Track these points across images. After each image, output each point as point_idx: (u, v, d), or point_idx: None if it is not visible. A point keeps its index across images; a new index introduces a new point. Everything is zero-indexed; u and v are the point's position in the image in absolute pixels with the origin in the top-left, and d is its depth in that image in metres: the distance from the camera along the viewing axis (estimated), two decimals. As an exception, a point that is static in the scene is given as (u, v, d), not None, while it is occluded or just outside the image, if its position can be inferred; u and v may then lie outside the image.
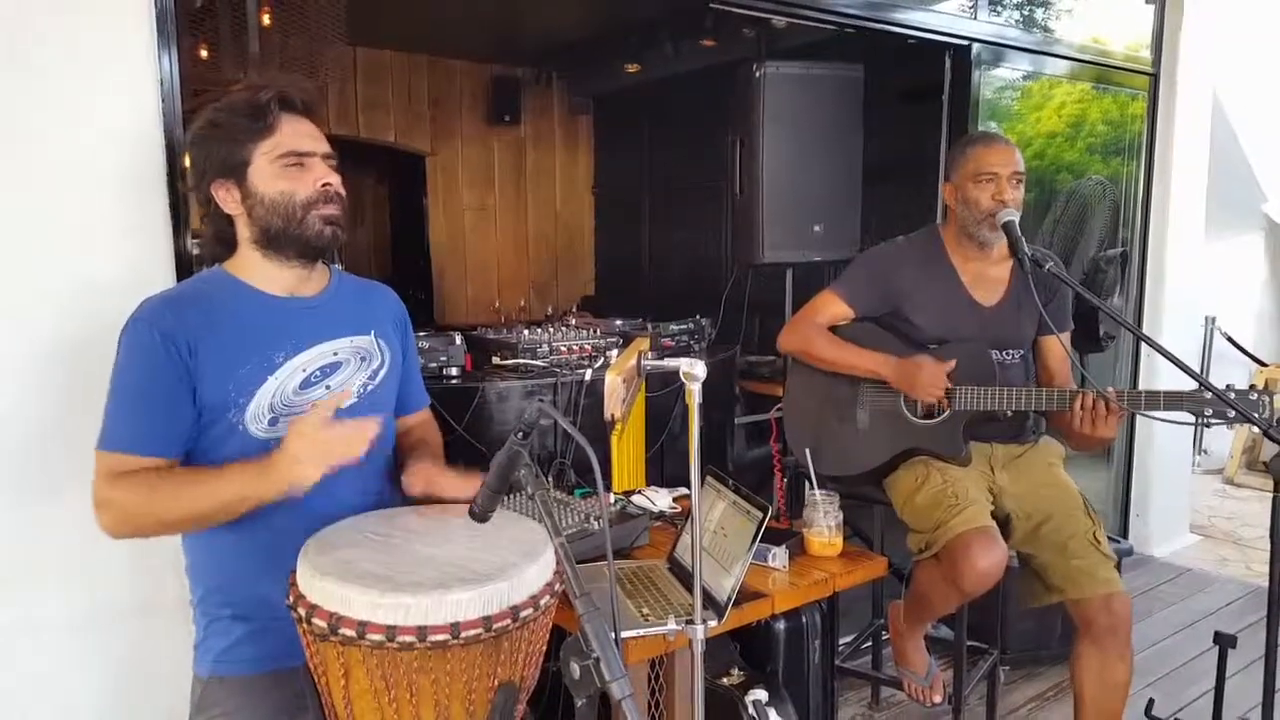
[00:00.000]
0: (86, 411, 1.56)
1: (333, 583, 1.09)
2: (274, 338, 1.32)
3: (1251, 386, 1.77)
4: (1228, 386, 1.78)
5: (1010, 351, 2.14)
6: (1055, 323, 2.09)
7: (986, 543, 1.90)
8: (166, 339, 1.25)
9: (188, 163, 1.45)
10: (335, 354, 1.37)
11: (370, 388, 1.41)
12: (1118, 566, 2.06)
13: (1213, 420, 1.82)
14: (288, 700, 1.32)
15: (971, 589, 1.94)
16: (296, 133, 1.31)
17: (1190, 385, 1.81)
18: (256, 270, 1.35)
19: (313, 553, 1.16)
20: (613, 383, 1.29)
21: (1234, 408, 1.73)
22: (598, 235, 6.03)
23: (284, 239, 1.31)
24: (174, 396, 1.26)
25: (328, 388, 1.35)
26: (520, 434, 1.09)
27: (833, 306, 2.20)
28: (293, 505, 1.24)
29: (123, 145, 1.68)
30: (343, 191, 1.35)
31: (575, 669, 0.96)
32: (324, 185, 1.31)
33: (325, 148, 1.35)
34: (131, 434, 1.25)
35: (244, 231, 1.34)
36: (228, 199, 1.33)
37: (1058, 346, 2.16)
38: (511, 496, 1.80)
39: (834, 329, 2.21)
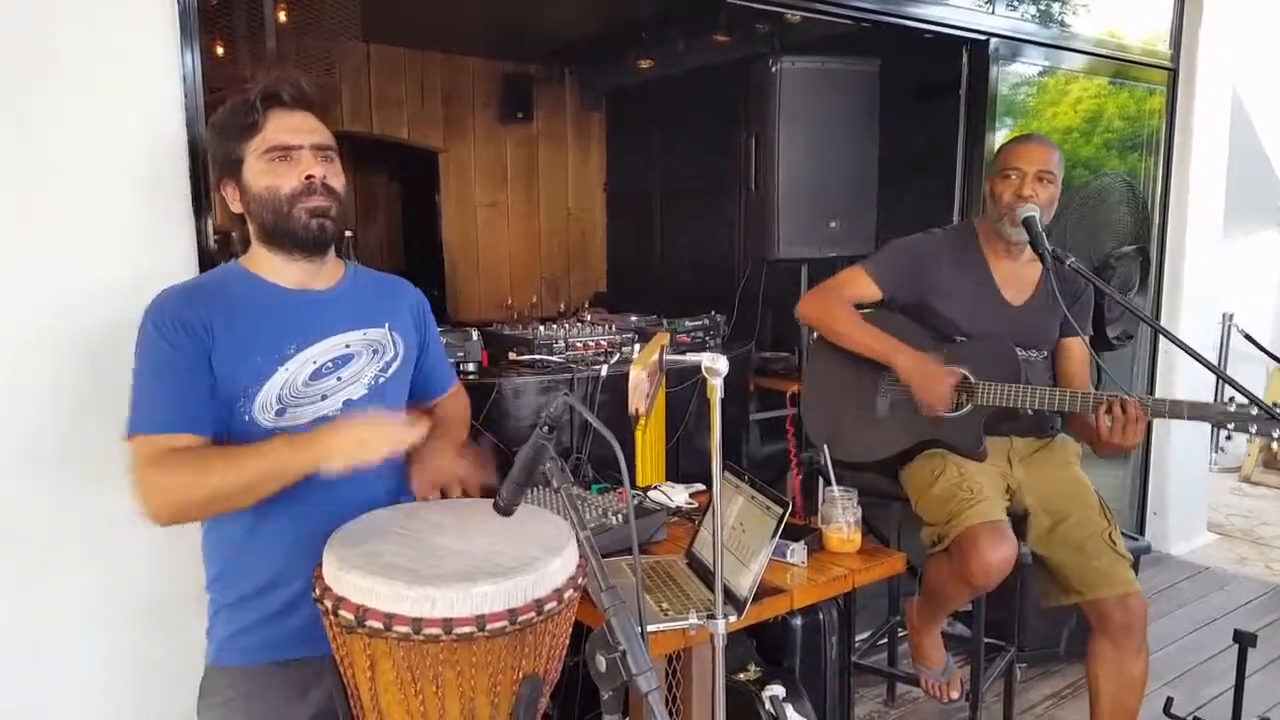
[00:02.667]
0: (109, 406, 1.57)
1: (359, 575, 1.09)
2: (286, 330, 1.34)
3: (1277, 404, 1.76)
4: (1230, 399, 1.77)
5: (1033, 352, 2.13)
6: (1079, 325, 2.08)
7: (995, 537, 1.90)
8: (184, 323, 1.27)
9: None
10: (347, 346, 1.39)
11: (382, 380, 1.42)
12: (1135, 565, 2.06)
13: (1232, 432, 1.81)
14: (288, 692, 1.33)
15: (980, 583, 1.93)
16: (283, 127, 1.32)
17: (1209, 388, 1.80)
18: (267, 264, 1.37)
19: (339, 546, 1.17)
20: (637, 377, 1.29)
21: (1273, 415, 1.70)
22: (610, 232, 6.02)
23: (278, 234, 1.33)
24: (199, 376, 1.28)
25: (339, 379, 1.37)
26: (546, 428, 1.10)
27: (860, 283, 2.17)
28: (301, 496, 1.25)
29: (145, 141, 1.69)
30: (335, 183, 1.34)
31: (601, 661, 0.96)
32: (308, 177, 1.31)
33: (316, 139, 1.34)
34: (166, 415, 1.26)
35: (251, 227, 1.37)
36: (233, 198, 1.36)
37: (1077, 349, 2.16)
38: (531, 491, 1.81)
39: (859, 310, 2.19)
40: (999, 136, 3.15)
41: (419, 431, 1.25)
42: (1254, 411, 1.73)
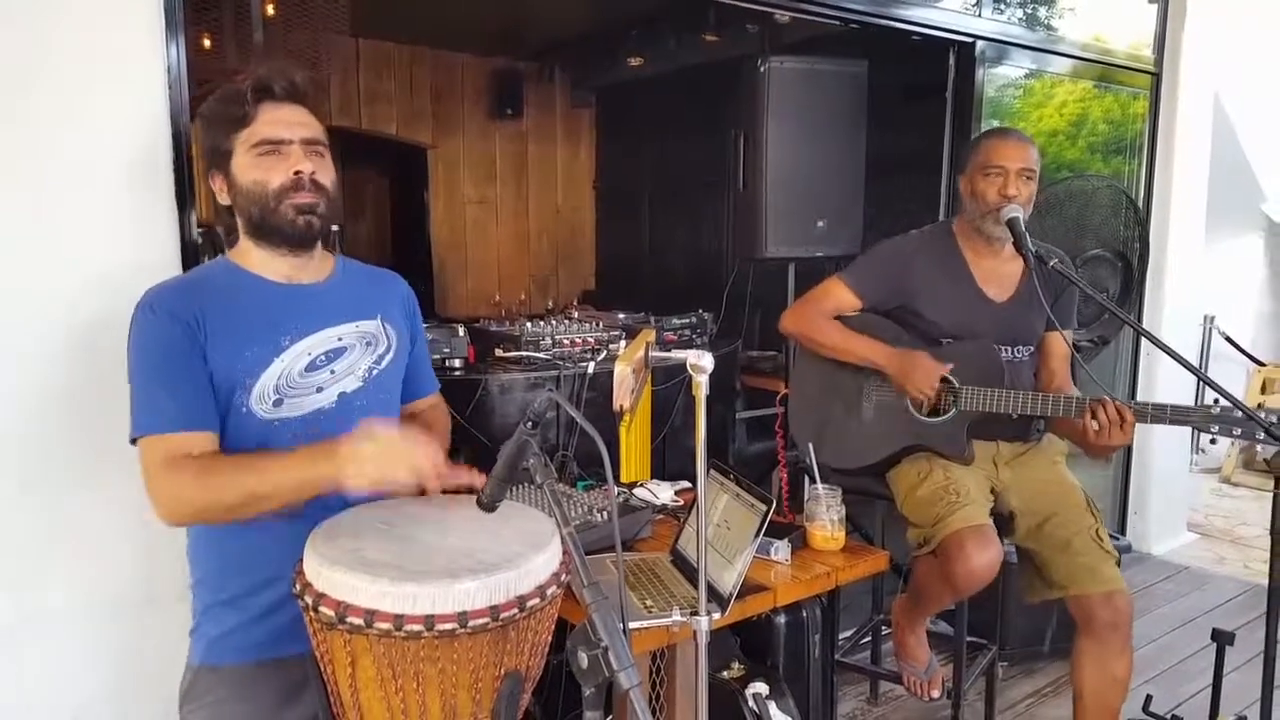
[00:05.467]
0: (93, 405, 1.57)
1: (340, 571, 1.09)
2: (279, 322, 1.33)
3: (1260, 406, 1.77)
4: (1215, 402, 1.78)
5: (1020, 348, 2.14)
6: (1060, 320, 2.09)
7: (981, 541, 1.91)
8: (178, 319, 1.26)
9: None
10: (340, 339, 1.38)
11: (375, 372, 1.41)
12: (1118, 563, 2.07)
13: (1216, 436, 1.82)
14: (280, 690, 1.32)
15: (964, 586, 1.94)
16: (273, 120, 1.30)
17: (1190, 390, 1.81)
18: (255, 258, 1.36)
19: (320, 541, 1.16)
20: (622, 373, 1.29)
21: (1258, 421, 1.71)
22: (599, 229, 6.03)
23: (265, 228, 1.32)
24: (199, 370, 1.26)
25: (332, 372, 1.36)
26: (529, 424, 1.10)
27: (840, 295, 2.19)
28: None
29: (130, 135, 1.67)
30: (324, 178, 1.33)
31: (583, 658, 0.96)
32: (296, 173, 1.30)
33: (306, 134, 1.32)
34: (175, 413, 1.24)
35: (238, 220, 1.36)
36: (221, 190, 1.35)
37: (1059, 345, 2.17)
38: (517, 487, 1.81)
39: (842, 319, 2.20)
40: (985, 138, 3.17)
41: (440, 464, 1.22)
42: (1236, 414, 1.74)
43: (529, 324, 2.95)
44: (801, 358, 2.33)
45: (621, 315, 3.37)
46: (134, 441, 1.25)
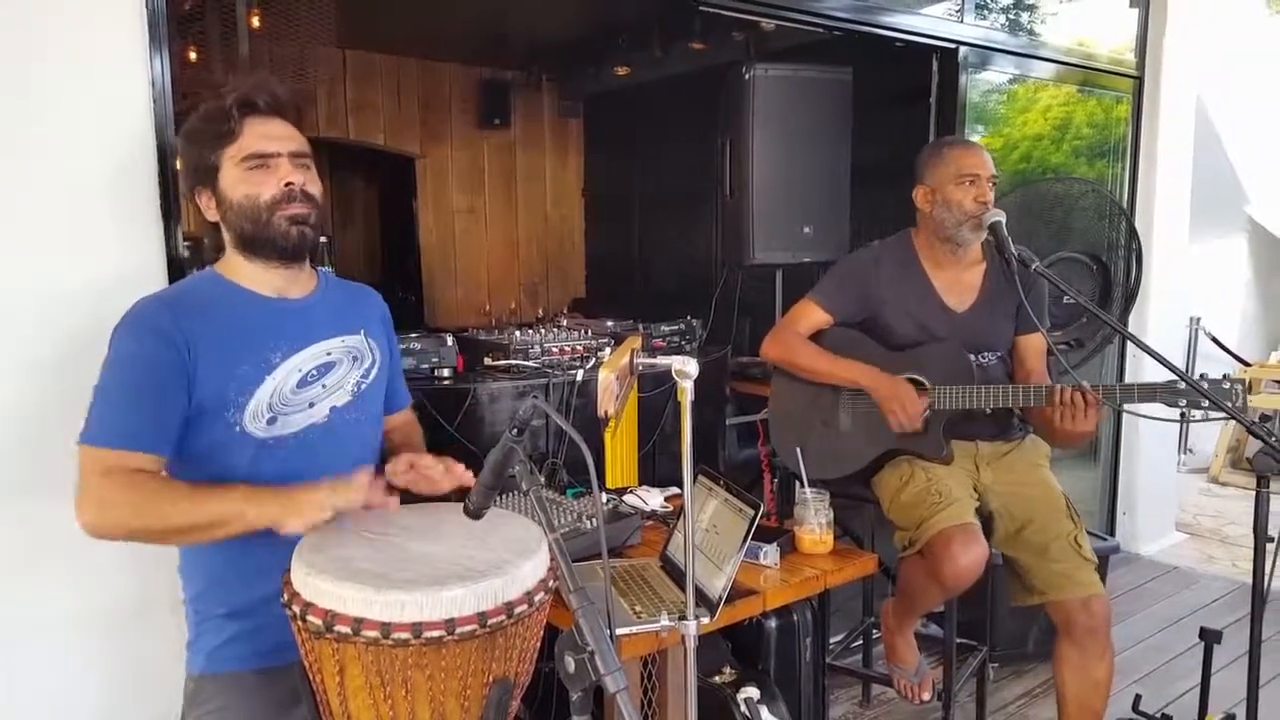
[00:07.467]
0: (80, 412, 1.56)
1: (328, 580, 1.09)
2: (269, 338, 1.33)
3: (1225, 376, 1.81)
4: (1201, 376, 1.81)
5: (987, 354, 2.17)
6: (1032, 319, 2.11)
7: (967, 539, 1.92)
8: (164, 336, 1.26)
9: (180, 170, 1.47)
10: (329, 354, 1.39)
11: (364, 386, 1.42)
12: (1102, 566, 2.09)
13: (1190, 411, 1.85)
14: (280, 697, 1.32)
15: (952, 585, 1.96)
16: (260, 134, 1.31)
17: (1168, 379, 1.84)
18: (244, 272, 1.36)
19: (307, 551, 1.17)
20: (606, 379, 1.30)
21: (1206, 396, 1.76)
22: (588, 237, 6.03)
23: (256, 242, 1.32)
24: (169, 392, 1.26)
25: (324, 386, 1.37)
26: (515, 431, 1.10)
27: (812, 315, 2.23)
28: None
29: (114, 148, 1.67)
30: (313, 190, 1.34)
31: (570, 662, 0.97)
32: (287, 185, 1.31)
33: (293, 146, 1.34)
34: (126, 429, 1.24)
35: (227, 235, 1.36)
36: (208, 206, 1.35)
37: (1034, 344, 2.19)
38: (505, 495, 1.81)
39: (822, 336, 2.23)
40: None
41: (378, 495, 1.26)
42: (1204, 386, 1.78)
43: (518, 332, 2.96)
44: (777, 376, 2.35)
45: (610, 323, 3.37)
46: (81, 445, 1.25)
